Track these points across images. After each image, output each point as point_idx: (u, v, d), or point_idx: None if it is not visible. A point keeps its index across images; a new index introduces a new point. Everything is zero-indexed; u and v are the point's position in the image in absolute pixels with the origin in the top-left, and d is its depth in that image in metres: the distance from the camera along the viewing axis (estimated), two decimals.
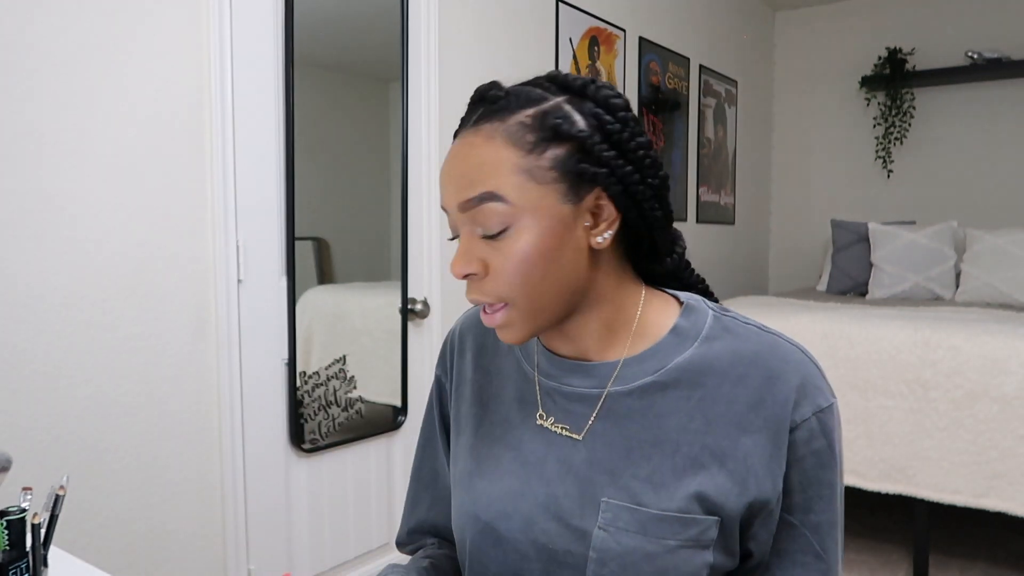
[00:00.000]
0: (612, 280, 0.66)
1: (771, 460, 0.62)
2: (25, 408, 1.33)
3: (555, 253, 0.61)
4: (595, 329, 0.67)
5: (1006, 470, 2.00)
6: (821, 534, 0.65)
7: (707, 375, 0.64)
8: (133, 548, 1.50)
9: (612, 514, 0.62)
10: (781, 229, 4.57)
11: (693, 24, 3.59)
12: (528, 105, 0.62)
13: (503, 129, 0.61)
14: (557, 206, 0.60)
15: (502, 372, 0.74)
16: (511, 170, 0.60)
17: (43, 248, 1.35)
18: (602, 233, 0.62)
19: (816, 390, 0.64)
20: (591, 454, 0.65)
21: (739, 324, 0.67)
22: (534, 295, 0.62)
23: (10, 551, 0.72)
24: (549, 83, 0.64)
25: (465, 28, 2.24)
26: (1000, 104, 3.83)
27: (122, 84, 1.45)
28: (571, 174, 0.60)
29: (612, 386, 0.66)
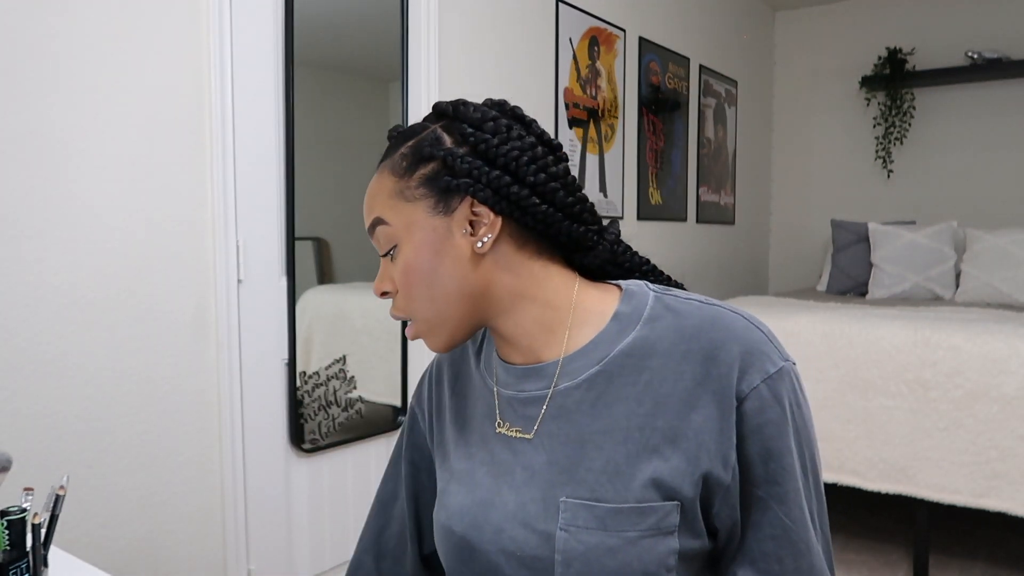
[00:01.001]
0: (523, 280, 0.68)
1: (721, 434, 0.62)
2: (25, 408, 1.33)
3: (433, 263, 0.66)
4: (530, 329, 0.68)
5: (1006, 470, 2.00)
6: (788, 503, 0.63)
7: (651, 357, 0.65)
8: (133, 548, 1.50)
9: (571, 513, 0.63)
10: (781, 229, 4.57)
11: (693, 24, 3.59)
12: (409, 138, 0.69)
13: (389, 163, 0.69)
14: (428, 219, 0.66)
15: (472, 392, 0.76)
16: (388, 195, 0.68)
17: (43, 248, 1.35)
18: (481, 238, 0.65)
19: (762, 356, 0.63)
20: (550, 455, 0.66)
21: (680, 301, 0.67)
22: (427, 305, 0.67)
23: (10, 551, 0.72)
24: (430, 114, 0.71)
25: (465, 28, 2.24)
26: (1000, 104, 3.83)
27: (122, 84, 1.45)
28: (437, 188, 0.66)
29: (560, 383, 0.67)
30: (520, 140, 0.67)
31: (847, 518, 2.73)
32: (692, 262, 3.67)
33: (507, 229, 0.67)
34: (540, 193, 0.66)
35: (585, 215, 0.69)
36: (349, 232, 2.01)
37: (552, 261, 0.69)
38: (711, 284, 3.86)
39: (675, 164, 3.49)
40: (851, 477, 2.23)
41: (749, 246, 4.35)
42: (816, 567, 0.64)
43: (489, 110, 0.68)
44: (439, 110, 0.70)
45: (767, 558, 0.64)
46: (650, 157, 3.27)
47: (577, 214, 0.69)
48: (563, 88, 2.66)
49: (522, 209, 0.66)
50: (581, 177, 2.79)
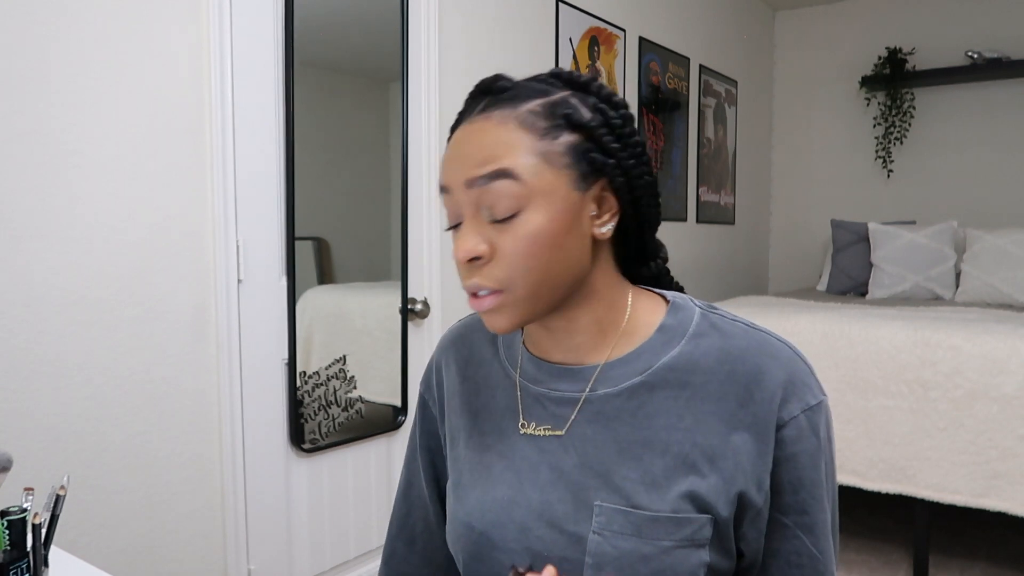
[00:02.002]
0: (606, 276, 0.66)
1: (758, 458, 0.62)
2: (25, 408, 1.33)
3: (562, 239, 0.61)
4: (586, 326, 0.67)
5: (1006, 470, 2.00)
6: (816, 534, 0.64)
7: (695, 373, 0.64)
8: (133, 548, 1.50)
9: (606, 518, 0.62)
10: (781, 229, 4.57)
11: (693, 24, 3.59)
12: (536, 96, 0.63)
13: (514, 115, 0.61)
14: (569, 192, 0.61)
15: (489, 381, 0.74)
16: (527, 151, 0.60)
17: (43, 248, 1.35)
18: (605, 224, 0.63)
19: (804, 387, 0.63)
20: (582, 458, 0.65)
21: (727, 321, 0.67)
22: (536, 281, 0.61)
23: (11, 551, 0.72)
24: (554, 79, 0.66)
25: (465, 28, 2.24)
26: (1000, 104, 3.83)
27: (122, 84, 1.45)
28: (583, 162, 0.61)
29: (600, 388, 0.66)
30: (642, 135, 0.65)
31: (847, 518, 2.73)
32: (692, 262, 3.67)
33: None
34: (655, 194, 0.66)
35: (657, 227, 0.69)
36: (349, 232, 2.01)
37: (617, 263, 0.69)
38: (711, 284, 3.86)
39: (675, 164, 3.49)
40: (851, 477, 2.23)
41: (749, 246, 4.35)
42: None
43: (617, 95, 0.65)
44: (567, 78, 0.65)
45: None
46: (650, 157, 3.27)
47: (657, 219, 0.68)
48: None
49: (637, 205, 0.65)
50: None
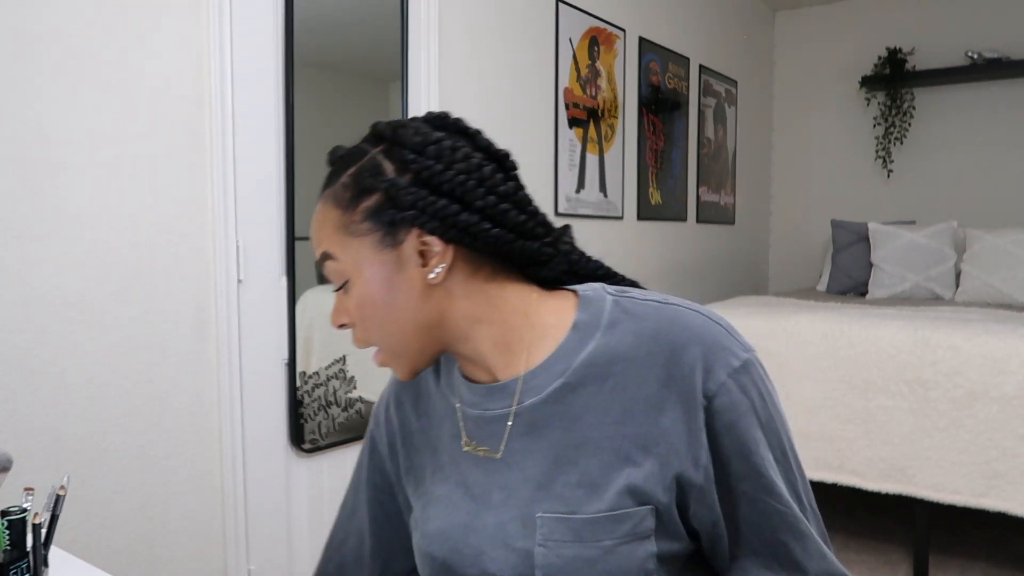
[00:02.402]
0: (479, 305, 0.66)
1: (689, 435, 0.62)
2: (25, 408, 1.33)
3: (387, 298, 0.65)
4: (489, 350, 0.67)
5: (1006, 470, 2.00)
6: (776, 492, 0.63)
7: (614, 363, 0.64)
8: (133, 548, 1.50)
9: (547, 528, 0.63)
10: (781, 229, 4.57)
11: (693, 24, 3.59)
12: (350, 165, 0.66)
13: (331, 193, 0.66)
14: (376, 254, 0.64)
15: (437, 412, 0.74)
16: (333, 229, 0.65)
17: (43, 248, 1.35)
18: (433, 269, 0.64)
19: (724, 351, 0.63)
20: (524, 472, 0.65)
21: (638, 303, 0.66)
22: (389, 337, 0.66)
23: (11, 551, 0.72)
24: (370, 136, 0.68)
25: (465, 28, 2.24)
26: (1000, 104, 3.83)
27: (122, 84, 1.45)
28: (383, 222, 0.64)
29: (527, 398, 0.66)
30: (465, 161, 0.64)
31: (847, 518, 2.73)
32: (692, 262, 3.67)
33: (459, 256, 0.65)
34: (490, 216, 0.64)
35: (538, 230, 0.67)
36: None
37: (508, 279, 0.68)
38: (711, 284, 3.86)
39: (675, 164, 3.49)
40: (851, 477, 2.23)
41: (749, 246, 4.35)
42: (819, 547, 0.65)
43: (431, 132, 0.65)
44: (377, 132, 0.67)
45: (771, 547, 0.64)
46: (650, 157, 3.27)
47: (530, 231, 0.66)
48: (563, 88, 2.66)
49: (472, 235, 0.63)
50: (581, 177, 2.79)
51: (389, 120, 0.67)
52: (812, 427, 2.29)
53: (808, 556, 0.64)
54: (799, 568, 0.64)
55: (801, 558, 0.64)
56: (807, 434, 2.30)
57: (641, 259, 3.21)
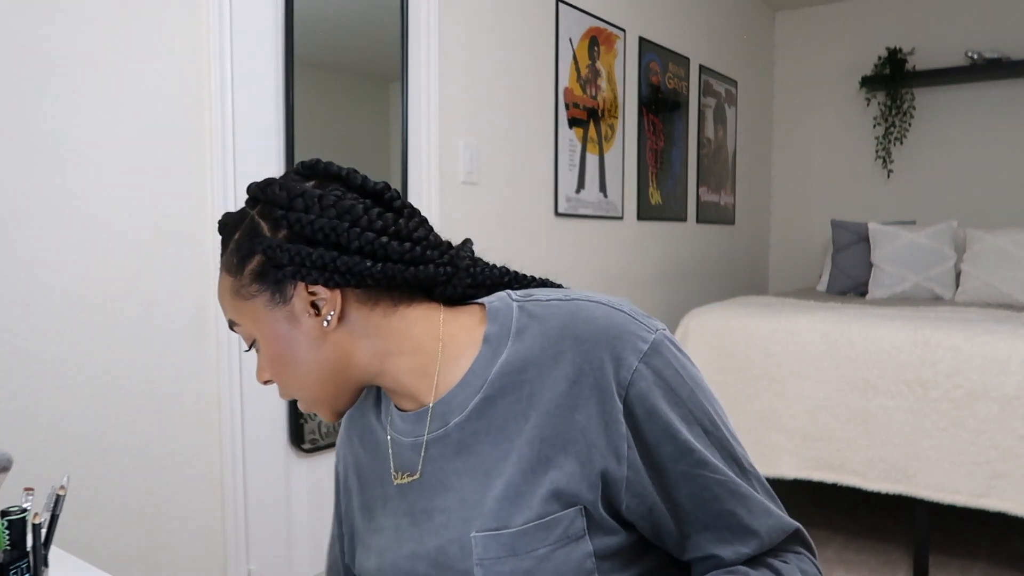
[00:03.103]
0: (385, 339, 0.67)
1: (607, 428, 0.62)
2: (25, 408, 1.33)
3: (288, 351, 0.67)
4: (407, 380, 0.68)
5: (1006, 470, 2.00)
6: (711, 464, 0.63)
7: (527, 369, 0.64)
8: (133, 548, 1.50)
9: (482, 547, 0.63)
10: (781, 229, 4.57)
11: (693, 24, 3.59)
12: (235, 230, 0.69)
13: (224, 262, 0.69)
14: (269, 313, 0.66)
15: (381, 445, 0.75)
16: (230, 296, 0.68)
17: (43, 248, 1.35)
18: (325, 317, 0.65)
19: (631, 336, 0.63)
20: (460, 493, 0.66)
21: (541, 305, 0.67)
22: (302, 389, 0.69)
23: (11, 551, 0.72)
24: (248, 198, 0.69)
25: (465, 28, 2.24)
26: (1000, 104, 3.83)
27: (122, 84, 1.45)
28: (268, 282, 0.66)
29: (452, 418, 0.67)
30: (336, 206, 0.64)
31: (847, 518, 2.73)
32: (692, 262, 3.68)
33: (351, 297, 0.66)
34: (370, 253, 0.64)
35: (428, 252, 0.67)
36: None
37: (410, 306, 0.68)
38: (711, 284, 3.86)
39: (675, 164, 3.49)
40: (851, 477, 2.23)
41: (749, 246, 4.35)
42: (763, 505, 0.65)
43: (296, 183, 0.65)
44: (251, 193, 0.68)
45: (719, 517, 0.64)
46: (650, 157, 3.27)
47: (419, 257, 0.66)
48: (563, 88, 2.66)
49: (357, 276, 0.64)
50: (581, 177, 2.79)
51: (260, 180, 0.67)
52: (812, 427, 2.29)
53: (754, 517, 0.64)
54: (749, 531, 0.64)
55: (749, 521, 0.64)
56: (807, 434, 2.30)
57: (641, 259, 3.21)
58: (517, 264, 0.84)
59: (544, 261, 2.59)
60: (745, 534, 0.64)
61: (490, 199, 2.35)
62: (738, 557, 0.64)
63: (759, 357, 2.40)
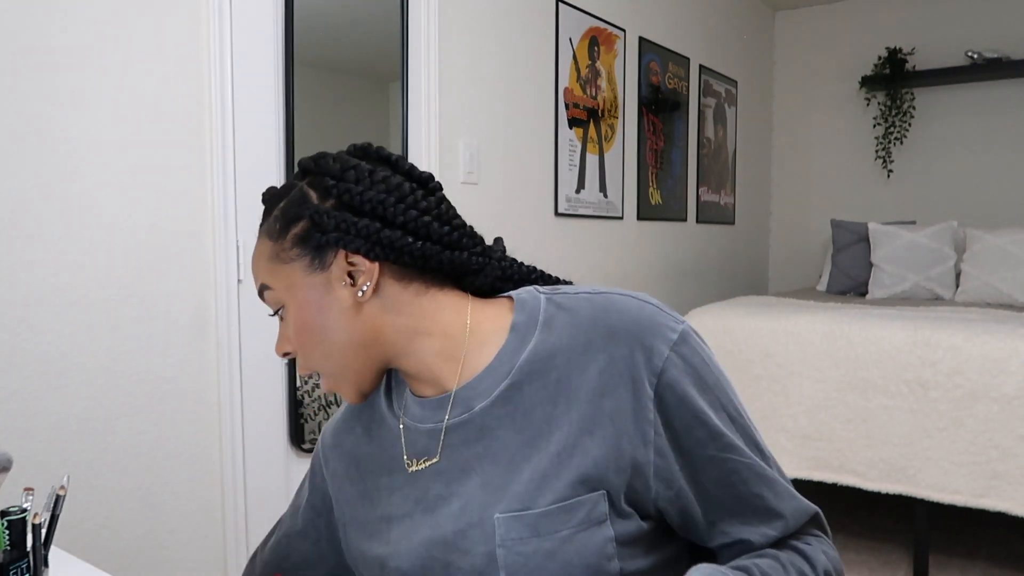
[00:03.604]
0: (415, 317, 0.68)
1: (635, 414, 0.63)
2: (25, 408, 1.33)
3: (319, 319, 0.68)
4: (432, 362, 0.69)
5: (1006, 470, 2.00)
6: (738, 448, 0.65)
7: (555, 357, 0.66)
8: (133, 548, 1.50)
9: (504, 528, 0.64)
10: (781, 229, 4.57)
11: (693, 24, 3.59)
12: (280, 199, 0.71)
13: (265, 228, 0.71)
14: (306, 278, 0.68)
15: (391, 434, 0.75)
16: (267, 260, 0.70)
17: (43, 248, 1.35)
18: (361, 287, 0.67)
19: (661, 327, 0.65)
20: (482, 477, 0.67)
21: (569, 297, 0.69)
22: (326, 359, 0.69)
23: (11, 551, 0.72)
24: (297, 172, 0.72)
25: (465, 28, 2.25)
26: (1000, 104, 3.83)
27: (122, 84, 1.45)
28: (310, 246, 0.67)
29: (476, 403, 0.67)
30: (385, 182, 0.67)
31: (847, 518, 2.73)
32: (692, 262, 3.68)
33: (387, 272, 0.68)
34: (413, 231, 0.67)
35: (465, 240, 0.70)
36: None
37: (441, 291, 0.70)
38: (711, 284, 3.86)
39: (675, 164, 3.49)
40: (851, 477, 2.23)
41: (749, 246, 4.35)
42: (787, 488, 0.68)
43: (349, 158, 0.69)
44: (303, 166, 0.71)
45: (746, 501, 0.66)
46: (650, 157, 3.27)
47: (456, 242, 0.69)
48: (563, 88, 2.66)
49: (397, 251, 0.66)
50: (581, 177, 2.79)
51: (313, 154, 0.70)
52: (812, 427, 2.29)
53: (780, 499, 0.67)
54: (775, 513, 0.66)
55: (775, 503, 0.66)
56: (807, 434, 2.30)
57: (641, 259, 3.21)
58: None
59: (544, 261, 2.59)
60: (771, 516, 0.66)
61: (490, 199, 2.35)
62: (765, 540, 0.66)
63: (759, 357, 2.40)
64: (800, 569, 0.65)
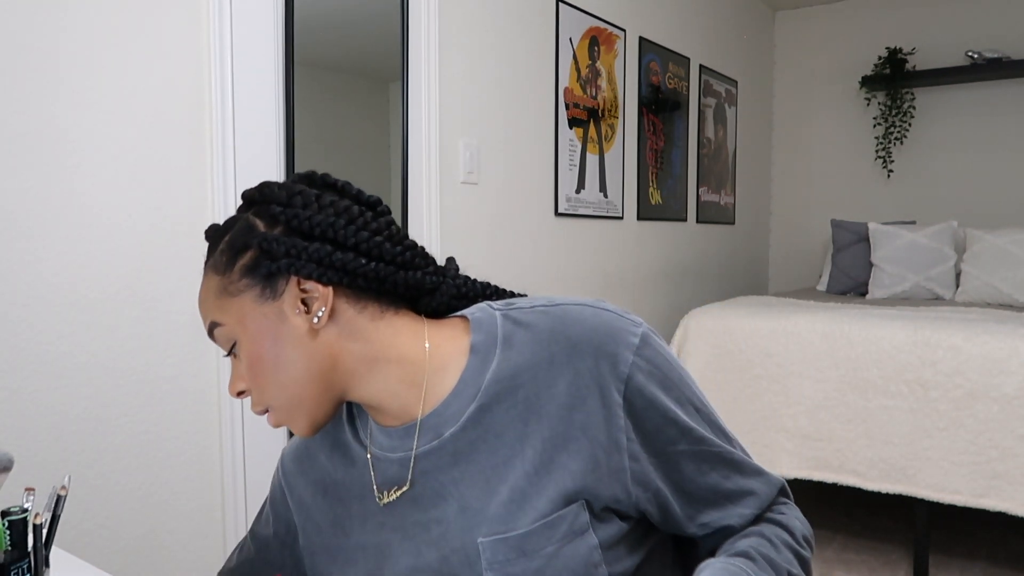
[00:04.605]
0: (372, 344, 0.67)
1: (606, 423, 0.64)
2: (25, 408, 1.33)
3: (273, 351, 0.65)
4: (395, 390, 0.67)
5: (1006, 470, 2.00)
6: (707, 439, 0.67)
7: (520, 375, 0.65)
8: (133, 548, 1.50)
9: (490, 551, 0.63)
10: (781, 229, 4.57)
11: (693, 24, 3.59)
12: (225, 233, 0.68)
13: (211, 263, 0.68)
14: (257, 308, 0.65)
15: (360, 461, 0.73)
16: (215, 295, 0.67)
17: (43, 248, 1.35)
18: (316, 314, 0.65)
19: (622, 332, 0.65)
20: (460, 502, 0.66)
21: (525, 312, 0.68)
22: (280, 392, 0.66)
23: (12, 551, 0.72)
24: (241, 204, 0.70)
25: (465, 28, 2.25)
26: (1000, 104, 3.83)
27: (122, 84, 1.45)
28: (259, 275, 0.65)
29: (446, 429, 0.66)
30: (333, 206, 0.66)
31: (847, 518, 2.73)
32: (692, 262, 3.68)
33: (342, 296, 0.66)
34: (365, 252, 0.65)
35: (417, 260, 0.69)
36: None
37: (397, 315, 0.68)
38: (711, 284, 3.86)
39: (675, 164, 3.49)
40: (851, 477, 2.23)
41: (749, 246, 4.35)
42: (753, 465, 0.71)
43: (295, 184, 0.68)
44: (247, 197, 0.69)
45: (719, 488, 0.68)
46: (650, 157, 3.27)
47: (409, 261, 0.68)
48: (563, 88, 2.66)
49: (351, 273, 0.65)
50: (581, 177, 2.79)
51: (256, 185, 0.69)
52: (812, 427, 2.29)
53: (749, 478, 0.70)
54: (747, 492, 0.69)
55: (745, 484, 0.69)
56: (807, 434, 2.30)
57: (641, 259, 3.21)
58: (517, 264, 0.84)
59: (544, 261, 2.59)
60: (744, 496, 0.69)
61: (490, 199, 2.36)
62: (743, 520, 0.69)
63: (759, 357, 2.40)
64: (783, 539, 0.68)
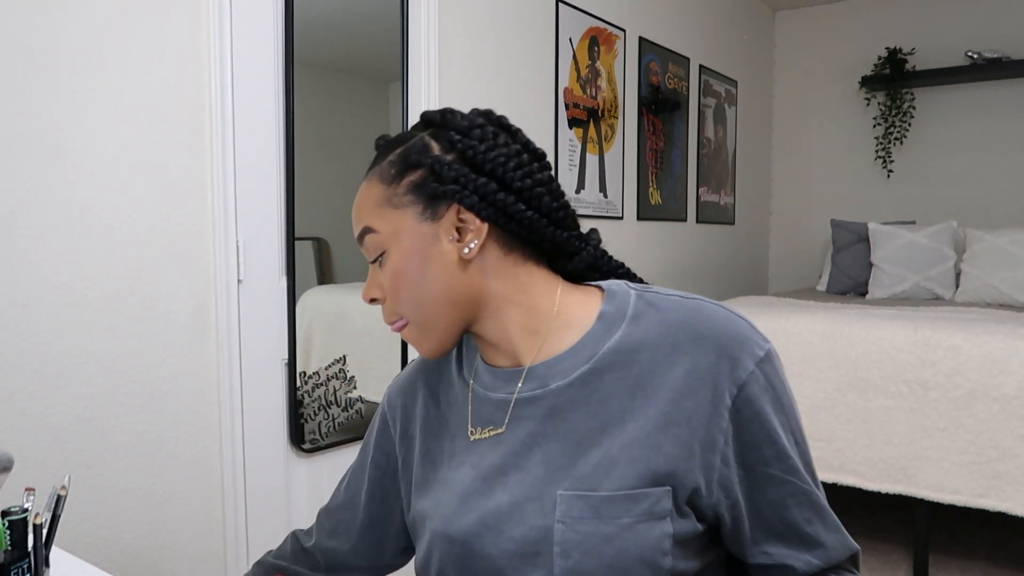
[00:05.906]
0: (509, 285, 0.69)
1: (710, 419, 0.64)
2: (25, 408, 1.33)
3: (420, 268, 0.68)
4: (514, 333, 0.70)
5: (1006, 470, 2.00)
6: (800, 473, 0.67)
7: (640, 351, 0.66)
8: (133, 548, 1.50)
9: (566, 505, 0.64)
10: (781, 229, 4.57)
11: (693, 24, 3.59)
12: (397, 146, 0.71)
13: (377, 171, 0.71)
14: (415, 226, 0.68)
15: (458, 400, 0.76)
16: (376, 203, 0.69)
17: (43, 248, 1.35)
18: (468, 244, 0.67)
19: (749, 342, 0.66)
20: (545, 453, 0.67)
21: (661, 297, 0.70)
22: (417, 309, 0.69)
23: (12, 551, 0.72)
24: (418, 122, 0.73)
25: (465, 28, 2.24)
26: (1000, 104, 3.83)
27: (122, 84, 1.45)
28: (424, 195, 0.68)
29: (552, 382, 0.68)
30: (506, 147, 0.69)
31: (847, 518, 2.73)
32: (692, 262, 3.67)
33: (493, 235, 0.68)
34: (526, 199, 0.68)
35: (568, 221, 0.71)
36: (349, 232, 2.00)
37: (537, 266, 0.71)
38: (711, 284, 3.86)
39: (675, 164, 3.49)
40: (851, 477, 2.23)
41: (749, 246, 4.35)
42: (835, 520, 0.70)
43: (476, 118, 0.70)
44: (427, 118, 0.72)
45: (795, 526, 0.67)
46: (650, 157, 3.27)
47: (561, 220, 0.71)
48: (563, 88, 2.66)
49: (508, 215, 0.67)
50: (581, 177, 2.79)
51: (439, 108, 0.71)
52: (812, 427, 2.29)
53: (827, 530, 0.68)
54: (819, 543, 0.68)
55: (822, 533, 0.68)
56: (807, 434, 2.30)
57: (641, 259, 3.21)
58: None
59: None
60: (815, 545, 0.68)
61: None
62: (808, 568, 0.68)
63: None
64: None
